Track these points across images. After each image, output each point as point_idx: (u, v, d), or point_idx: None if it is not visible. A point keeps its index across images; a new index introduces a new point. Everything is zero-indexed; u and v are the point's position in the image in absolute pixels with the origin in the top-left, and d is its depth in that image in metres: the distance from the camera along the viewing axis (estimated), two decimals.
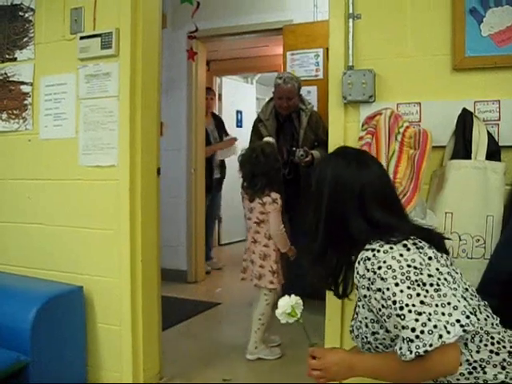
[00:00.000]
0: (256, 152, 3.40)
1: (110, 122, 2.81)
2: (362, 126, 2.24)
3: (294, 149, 3.92)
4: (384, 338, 1.52)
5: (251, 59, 7.06)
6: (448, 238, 1.61)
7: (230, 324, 3.71)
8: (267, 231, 3.37)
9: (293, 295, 1.67)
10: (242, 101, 7.84)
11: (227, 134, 5.95)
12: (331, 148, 2.36)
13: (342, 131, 2.36)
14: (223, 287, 5.15)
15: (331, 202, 1.56)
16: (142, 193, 2.80)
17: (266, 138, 3.91)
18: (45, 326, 2.56)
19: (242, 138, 5.46)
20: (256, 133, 4.18)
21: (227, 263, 6.16)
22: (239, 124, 7.73)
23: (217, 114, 6.41)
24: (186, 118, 5.30)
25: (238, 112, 7.76)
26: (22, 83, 3.10)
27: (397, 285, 1.39)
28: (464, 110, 2.13)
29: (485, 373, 1.41)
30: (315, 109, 4.28)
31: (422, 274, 1.39)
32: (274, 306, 3.22)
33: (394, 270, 1.40)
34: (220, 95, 7.24)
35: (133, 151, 2.77)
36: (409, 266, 1.40)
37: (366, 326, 1.57)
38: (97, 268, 2.85)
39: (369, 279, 1.45)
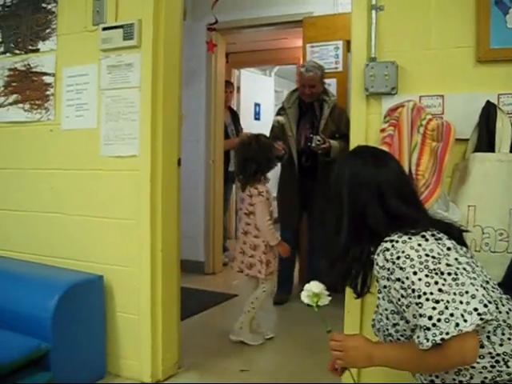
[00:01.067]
0: (251, 139, 3.55)
1: (131, 112, 2.83)
2: (384, 117, 2.23)
3: (312, 135, 3.96)
4: (405, 330, 1.52)
5: (270, 51, 7.03)
6: (467, 231, 1.62)
7: None
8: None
9: (322, 285, 1.71)
10: (260, 93, 7.83)
11: (242, 128, 5.99)
12: (353, 138, 2.37)
13: (364, 123, 2.35)
14: (240, 279, 5.14)
15: (350, 200, 1.59)
16: (163, 183, 2.81)
17: (277, 117, 4.19)
18: (66, 314, 2.58)
19: (260, 130, 5.46)
20: None
21: None
22: (257, 116, 7.72)
23: (233, 107, 6.43)
24: (204, 110, 5.30)
25: (256, 105, 7.75)
26: (45, 74, 3.13)
27: (415, 273, 1.40)
28: (488, 102, 2.11)
29: (508, 366, 1.41)
30: None
31: (440, 263, 1.40)
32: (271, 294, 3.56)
33: (413, 260, 1.41)
34: (238, 87, 7.22)
35: (154, 141, 2.79)
36: (427, 255, 1.41)
37: (387, 318, 1.57)
38: (117, 258, 2.87)
39: (388, 269, 1.46)
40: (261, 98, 7.83)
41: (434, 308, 1.35)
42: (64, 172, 3.03)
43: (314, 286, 1.70)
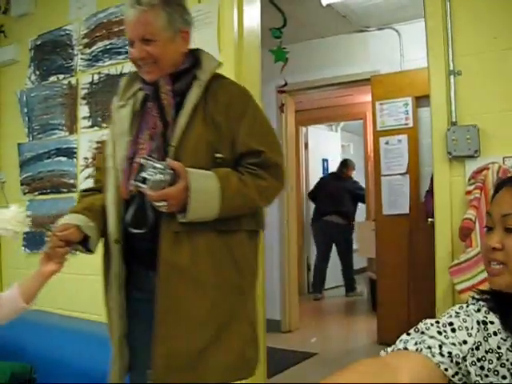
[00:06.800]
0: None
1: None
2: (469, 180, 2.26)
3: (141, 161, 1.65)
4: None
5: (335, 108, 7.15)
6: None
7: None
8: None
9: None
10: (327, 149, 7.93)
11: None
12: (437, 202, 2.38)
13: (448, 185, 2.37)
14: (318, 336, 5.13)
15: None
16: None
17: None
18: None
19: None
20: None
21: (321, 311, 6.15)
22: (325, 172, 7.79)
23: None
24: None
25: (324, 160, 7.84)
26: None
27: None
28: None
29: None
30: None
31: None
32: None
33: None
34: (306, 144, 7.36)
35: None
36: None
37: None
38: None
39: None
40: (328, 154, 7.92)
41: None
42: None
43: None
